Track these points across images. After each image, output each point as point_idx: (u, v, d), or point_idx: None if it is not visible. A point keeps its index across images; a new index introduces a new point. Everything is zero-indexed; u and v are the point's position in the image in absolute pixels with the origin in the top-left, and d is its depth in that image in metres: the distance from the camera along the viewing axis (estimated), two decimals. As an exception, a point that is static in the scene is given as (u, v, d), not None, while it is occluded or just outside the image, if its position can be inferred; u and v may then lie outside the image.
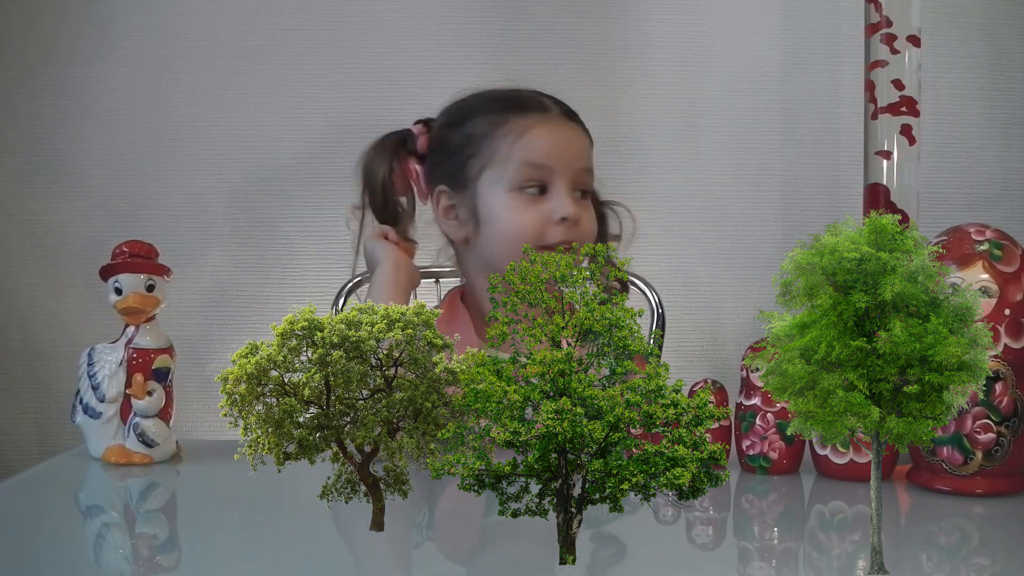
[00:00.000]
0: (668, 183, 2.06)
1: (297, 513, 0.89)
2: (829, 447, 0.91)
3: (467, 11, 2.03)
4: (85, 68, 2.00)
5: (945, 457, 0.86)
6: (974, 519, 0.83)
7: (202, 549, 0.76)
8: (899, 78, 1.65)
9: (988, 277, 0.86)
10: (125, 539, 0.80)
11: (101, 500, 0.95)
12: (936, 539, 0.78)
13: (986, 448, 0.85)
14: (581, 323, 0.40)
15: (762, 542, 0.76)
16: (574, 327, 0.41)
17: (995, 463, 0.85)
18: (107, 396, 1.01)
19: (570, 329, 0.41)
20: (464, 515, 0.90)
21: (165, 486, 0.97)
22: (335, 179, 2.02)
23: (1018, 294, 0.86)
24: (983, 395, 0.85)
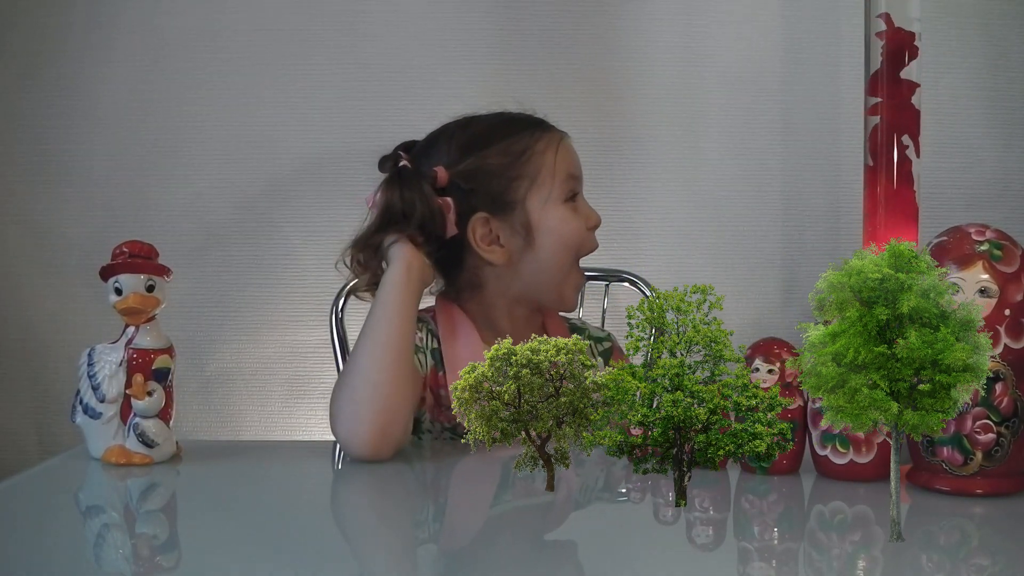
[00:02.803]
0: (668, 183, 2.06)
1: (297, 513, 0.89)
2: (829, 447, 0.91)
3: (467, 12, 2.03)
4: (85, 68, 2.00)
5: (945, 457, 0.86)
6: (974, 519, 0.83)
7: (202, 549, 0.76)
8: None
9: (988, 277, 0.86)
10: (125, 539, 0.80)
11: (101, 500, 0.95)
12: (936, 539, 0.78)
13: (986, 448, 0.85)
14: (690, 339, 0.58)
15: (762, 542, 0.76)
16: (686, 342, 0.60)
17: (995, 463, 0.85)
18: (107, 396, 1.01)
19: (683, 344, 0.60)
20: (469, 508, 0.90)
21: (165, 486, 0.97)
22: (335, 179, 2.02)
23: (1018, 294, 0.86)
24: (984, 395, 0.85)
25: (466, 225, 1.20)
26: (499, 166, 1.21)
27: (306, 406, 2.02)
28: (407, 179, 1.18)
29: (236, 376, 2.03)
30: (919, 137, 1.68)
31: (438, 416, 1.21)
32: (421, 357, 1.19)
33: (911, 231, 1.70)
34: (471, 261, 1.23)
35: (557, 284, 1.23)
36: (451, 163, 1.21)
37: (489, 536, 0.82)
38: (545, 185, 1.21)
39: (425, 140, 1.26)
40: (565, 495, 0.98)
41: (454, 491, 1.03)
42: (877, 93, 1.67)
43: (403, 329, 1.10)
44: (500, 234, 1.21)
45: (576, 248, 1.23)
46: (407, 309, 1.12)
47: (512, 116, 1.26)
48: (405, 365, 1.09)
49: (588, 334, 1.37)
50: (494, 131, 1.23)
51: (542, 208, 1.21)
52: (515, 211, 1.21)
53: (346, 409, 1.05)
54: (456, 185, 1.20)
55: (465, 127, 1.25)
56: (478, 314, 1.25)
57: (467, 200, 1.20)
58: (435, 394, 1.20)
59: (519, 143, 1.22)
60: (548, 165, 1.22)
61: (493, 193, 1.21)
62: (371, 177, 1.97)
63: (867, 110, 1.71)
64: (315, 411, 2.02)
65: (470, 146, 1.22)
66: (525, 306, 1.26)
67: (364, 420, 1.03)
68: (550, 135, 1.24)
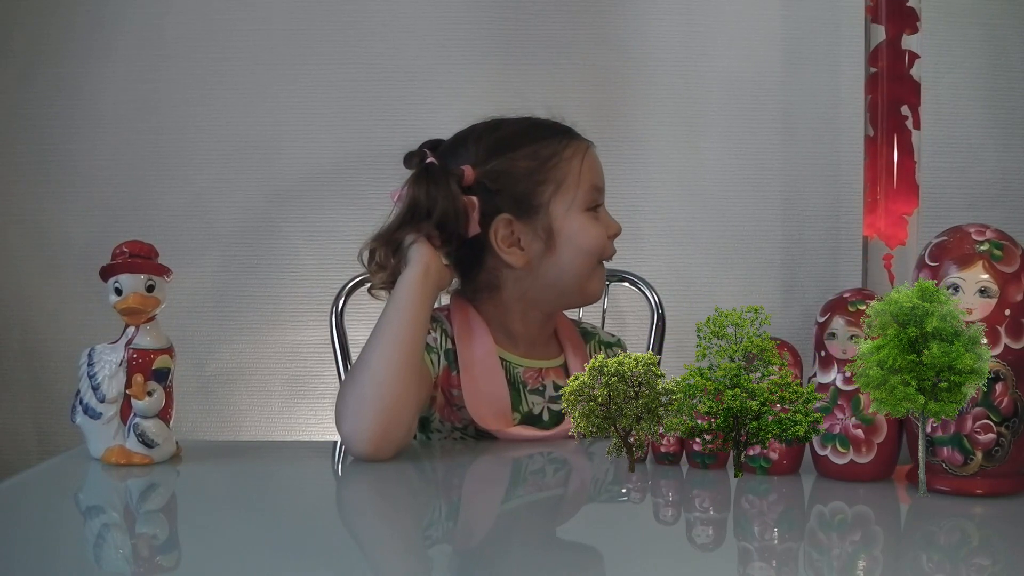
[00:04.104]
0: (668, 183, 2.06)
1: (297, 513, 0.89)
2: (829, 447, 0.91)
3: (467, 12, 2.03)
4: (85, 68, 2.00)
5: (945, 457, 0.86)
6: (974, 519, 0.83)
7: (202, 549, 0.76)
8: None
9: (988, 277, 0.85)
10: (125, 539, 0.80)
11: (101, 500, 0.95)
12: (936, 539, 0.79)
13: (986, 448, 0.85)
14: (745, 348, 0.75)
15: (762, 542, 0.76)
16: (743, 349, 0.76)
17: (995, 463, 0.85)
18: (107, 396, 1.01)
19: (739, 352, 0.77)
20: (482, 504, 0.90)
21: (165, 486, 0.97)
22: (335, 179, 2.02)
23: (1018, 294, 0.86)
24: (984, 395, 0.85)
25: (489, 225, 1.20)
26: (526, 169, 1.21)
27: (306, 406, 2.02)
28: (434, 176, 1.19)
29: (236, 376, 2.03)
30: (919, 108, 1.69)
31: (448, 416, 1.21)
32: (433, 357, 1.19)
33: (911, 201, 1.70)
34: (491, 262, 1.23)
35: (579, 286, 1.24)
36: (478, 163, 1.21)
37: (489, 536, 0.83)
38: (570, 192, 1.22)
39: (452, 139, 1.27)
40: (567, 496, 0.98)
41: (458, 490, 1.03)
42: (876, 64, 1.68)
43: (415, 332, 1.10)
44: (521, 237, 1.21)
45: (597, 256, 1.24)
46: (421, 311, 1.12)
47: (541, 121, 1.27)
48: (414, 367, 1.09)
49: (598, 339, 1.37)
50: (523, 134, 1.24)
51: (565, 214, 1.22)
52: (538, 215, 1.21)
53: (351, 407, 1.05)
54: (482, 185, 1.20)
55: (494, 129, 1.25)
56: (493, 316, 1.25)
57: (492, 201, 1.20)
58: (447, 394, 1.20)
59: (547, 148, 1.22)
60: (574, 172, 1.22)
61: (518, 196, 1.21)
62: (371, 177, 1.98)
63: (867, 80, 1.71)
64: (315, 411, 2.02)
65: (498, 147, 1.22)
66: (540, 309, 1.26)
67: (368, 419, 1.03)
68: (578, 143, 1.25)
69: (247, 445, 1.53)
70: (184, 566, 0.73)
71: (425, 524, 0.87)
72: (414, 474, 1.04)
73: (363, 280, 1.56)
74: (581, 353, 1.30)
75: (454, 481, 1.06)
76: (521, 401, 1.22)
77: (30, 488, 0.97)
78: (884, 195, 1.69)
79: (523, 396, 1.23)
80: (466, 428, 1.20)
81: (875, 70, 1.69)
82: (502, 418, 1.18)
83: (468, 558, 0.75)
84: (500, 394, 1.20)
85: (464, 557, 0.75)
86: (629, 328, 1.91)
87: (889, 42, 1.67)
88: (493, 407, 1.18)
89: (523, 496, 0.99)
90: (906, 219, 1.70)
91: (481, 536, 0.83)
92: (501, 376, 1.21)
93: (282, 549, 0.75)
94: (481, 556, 0.76)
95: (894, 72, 1.68)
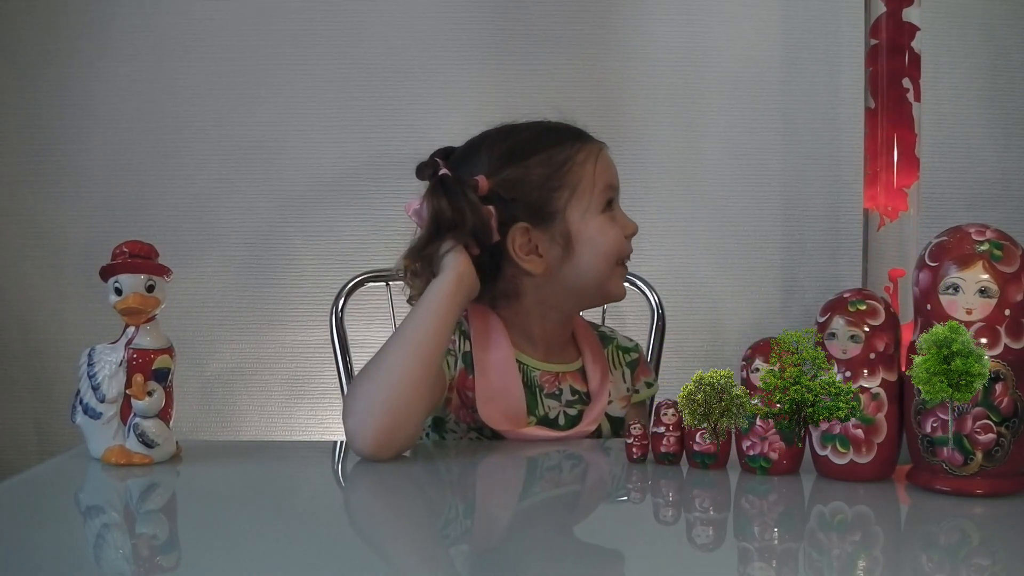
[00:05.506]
0: (668, 183, 2.06)
1: (298, 513, 0.89)
2: (829, 447, 0.92)
3: (467, 12, 2.03)
4: (86, 68, 2.00)
5: (945, 457, 0.86)
6: (974, 519, 0.83)
7: (202, 549, 0.76)
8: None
9: (988, 277, 0.85)
10: (125, 539, 0.80)
11: (101, 500, 0.95)
12: (936, 539, 0.79)
13: (986, 448, 0.85)
14: (802, 357, 0.94)
15: (762, 542, 0.76)
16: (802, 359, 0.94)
17: (995, 463, 0.85)
18: (107, 396, 1.01)
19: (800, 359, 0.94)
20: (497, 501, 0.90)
21: (165, 486, 0.97)
22: (335, 179, 2.02)
23: (1018, 294, 0.86)
24: (984, 395, 0.85)
25: (505, 234, 1.19)
26: (540, 177, 1.20)
27: (306, 406, 2.02)
28: (450, 188, 1.17)
29: (236, 376, 2.03)
30: (919, 81, 1.68)
31: (463, 417, 1.20)
32: (450, 359, 1.18)
33: (911, 174, 1.69)
34: (509, 270, 1.22)
35: (599, 288, 1.24)
36: (492, 172, 1.20)
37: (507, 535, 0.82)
38: (585, 196, 1.21)
39: (464, 148, 1.25)
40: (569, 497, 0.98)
41: (472, 489, 1.03)
42: (877, 36, 1.67)
43: (439, 339, 1.10)
44: (539, 244, 1.21)
45: (615, 257, 1.24)
46: (449, 319, 1.11)
47: (553, 126, 1.26)
48: (431, 373, 1.09)
49: (616, 344, 1.37)
50: (536, 141, 1.22)
51: (582, 219, 1.21)
52: (555, 221, 1.21)
53: (361, 403, 1.05)
54: (496, 194, 1.19)
55: (506, 137, 1.24)
56: (512, 320, 1.24)
57: (507, 209, 1.19)
58: (462, 395, 1.19)
59: (561, 154, 1.22)
60: (588, 176, 1.22)
61: (534, 203, 1.20)
62: (371, 177, 1.98)
63: (867, 53, 1.70)
64: (315, 411, 2.02)
65: (511, 156, 1.21)
66: (559, 312, 1.26)
67: (375, 418, 1.03)
68: (591, 146, 1.24)
69: (247, 445, 1.53)
70: (184, 566, 0.73)
71: (442, 523, 0.86)
72: (423, 474, 1.04)
73: (363, 280, 1.56)
74: (600, 358, 1.30)
75: (468, 480, 1.06)
76: (537, 405, 1.22)
77: (30, 488, 0.97)
78: (884, 168, 1.68)
79: (539, 400, 1.22)
80: (482, 429, 1.20)
81: (875, 42, 1.68)
82: (515, 420, 1.18)
83: (486, 558, 0.75)
84: (515, 396, 1.19)
85: (482, 557, 0.75)
86: (629, 328, 1.90)
87: (890, 14, 1.66)
88: (507, 410, 1.18)
89: (538, 494, 0.99)
90: (906, 192, 1.68)
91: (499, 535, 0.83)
92: (517, 379, 1.20)
93: (282, 549, 0.75)
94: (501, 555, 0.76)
95: (895, 44, 1.66)
